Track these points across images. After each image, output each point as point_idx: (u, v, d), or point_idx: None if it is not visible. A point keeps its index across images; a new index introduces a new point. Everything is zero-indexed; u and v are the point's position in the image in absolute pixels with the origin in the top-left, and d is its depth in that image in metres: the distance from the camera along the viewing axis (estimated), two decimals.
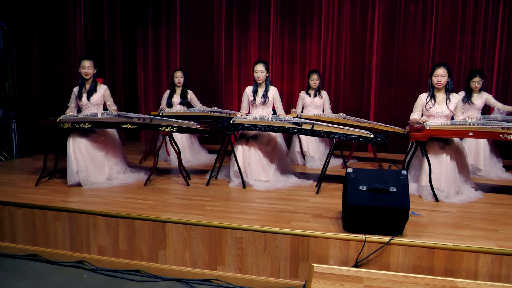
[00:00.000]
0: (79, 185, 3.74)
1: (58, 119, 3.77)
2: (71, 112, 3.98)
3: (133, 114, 3.88)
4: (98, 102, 4.00)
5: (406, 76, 5.56)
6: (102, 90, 4.01)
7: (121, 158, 4.11)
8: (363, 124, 4.50)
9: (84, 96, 3.95)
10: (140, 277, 2.94)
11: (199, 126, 3.80)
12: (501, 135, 3.31)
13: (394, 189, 2.55)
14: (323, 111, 5.00)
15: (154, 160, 3.92)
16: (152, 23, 6.24)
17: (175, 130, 3.76)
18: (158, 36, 6.26)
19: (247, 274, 2.83)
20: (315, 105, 4.99)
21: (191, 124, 3.83)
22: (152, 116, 3.96)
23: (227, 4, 6.00)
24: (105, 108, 4.08)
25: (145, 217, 3.00)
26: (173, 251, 2.95)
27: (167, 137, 3.96)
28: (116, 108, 4.06)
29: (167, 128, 3.74)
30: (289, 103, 5.86)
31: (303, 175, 4.16)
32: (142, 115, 3.89)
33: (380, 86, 5.72)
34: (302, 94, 5.04)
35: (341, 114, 4.79)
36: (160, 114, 4.72)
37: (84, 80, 3.93)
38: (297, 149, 4.87)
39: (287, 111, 5.43)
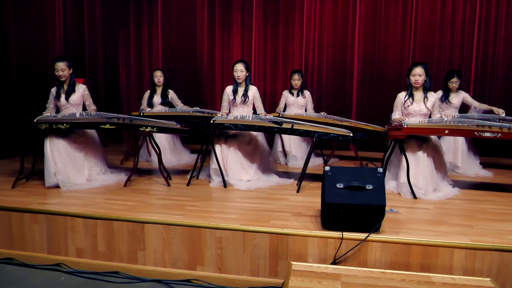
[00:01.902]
0: (57, 186, 3.68)
1: (35, 120, 3.71)
2: (49, 113, 3.92)
3: (112, 114, 3.84)
4: (77, 102, 3.95)
5: (387, 75, 5.63)
6: (81, 90, 3.96)
7: (101, 159, 4.06)
8: (344, 123, 4.54)
9: (63, 96, 3.89)
10: (119, 279, 2.91)
11: (179, 126, 3.79)
12: (476, 133, 3.38)
13: (371, 187, 2.58)
14: (305, 111, 5.03)
15: (134, 161, 3.89)
16: (134, 23, 6.18)
17: (155, 130, 3.73)
18: (140, 35, 6.21)
19: (227, 274, 2.83)
20: (298, 104, 5.02)
21: (171, 124, 3.81)
22: (132, 116, 3.93)
23: (209, 4, 5.98)
24: (84, 108, 4.03)
25: (124, 218, 2.97)
26: (152, 252, 2.93)
27: (148, 138, 3.93)
28: (95, 108, 4.02)
29: (147, 128, 3.71)
30: (272, 103, 5.87)
31: (285, 174, 4.18)
32: (122, 115, 3.85)
33: (362, 85, 5.78)
34: (286, 93, 5.06)
35: (322, 113, 4.83)
36: (141, 114, 4.68)
37: (61, 82, 3.88)
38: (279, 148, 4.89)
39: (271, 111, 5.45)
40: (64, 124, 3.65)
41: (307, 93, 5.06)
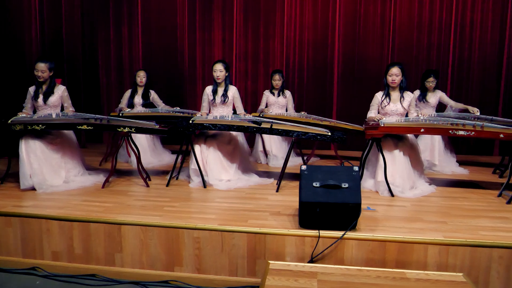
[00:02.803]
0: (33, 189, 3.61)
1: (10, 121, 3.63)
2: (26, 113, 3.85)
3: (89, 115, 3.79)
4: (55, 103, 3.89)
5: (367, 74, 5.70)
6: (60, 91, 3.90)
7: (78, 160, 4.00)
8: (324, 123, 4.57)
9: (40, 97, 3.83)
10: (96, 282, 2.87)
11: (158, 127, 3.76)
12: (450, 131, 3.46)
13: (346, 185, 2.61)
14: (286, 110, 5.05)
15: (112, 162, 3.84)
16: (113, 23, 6.11)
17: (133, 130, 3.70)
18: (120, 35, 6.14)
19: (205, 274, 2.82)
20: (278, 104, 5.04)
21: (149, 124, 3.78)
22: (109, 117, 3.88)
23: (189, 4, 5.96)
24: (63, 109, 3.97)
25: (101, 219, 2.93)
26: (129, 254, 2.90)
27: (127, 138, 3.89)
28: (73, 110, 3.96)
29: (125, 128, 3.68)
30: (253, 102, 5.89)
31: (265, 174, 4.19)
32: (99, 116, 3.80)
33: (342, 84, 5.84)
34: (267, 92, 5.08)
35: (302, 112, 4.86)
36: (120, 114, 4.63)
37: (40, 82, 3.81)
38: (260, 148, 4.90)
39: (253, 111, 5.46)
40: (40, 125, 3.59)
41: (287, 93, 5.08)
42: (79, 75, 6.14)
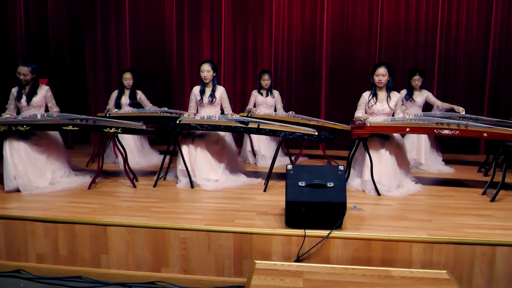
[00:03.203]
0: (18, 190, 3.56)
1: None
2: (9, 114, 3.80)
3: (75, 115, 3.75)
4: (39, 104, 3.85)
5: (355, 74, 5.72)
6: (44, 91, 3.86)
7: (64, 161, 3.96)
8: (312, 122, 4.59)
9: (24, 97, 3.78)
10: (81, 284, 2.85)
11: (144, 127, 3.74)
12: (435, 130, 3.50)
13: (332, 184, 2.63)
14: (275, 110, 5.05)
15: (99, 163, 3.81)
16: (100, 22, 6.05)
17: (119, 131, 3.67)
18: (107, 35, 6.09)
19: (192, 274, 2.82)
20: (267, 104, 5.04)
21: (136, 124, 3.76)
22: (95, 117, 3.85)
23: (177, 4, 5.93)
24: (47, 110, 3.93)
25: (86, 221, 2.91)
26: (115, 255, 2.88)
27: (113, 139, 3.86)
28: (58, 110, 3.92)
29: (111, 129, 3.65)
30: (242, 102, 5.88)
31: (253, 174, 4.19)
32: (85, 116, 3.77)
33: (330, 84, 5.86)
34: (255, 92, 5.07)
35: (291, 112, 4.86)
36: (107, 115, 4.59)
37: (23, 84, 3.77)
38: (248, 148, 4.90)
39: (242, 111, 5.45)
40: (24, 126, 3.54)
41: (276, 92, 5.09)
42: (66, 75, 6.08)
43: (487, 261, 2.62)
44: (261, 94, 5.03)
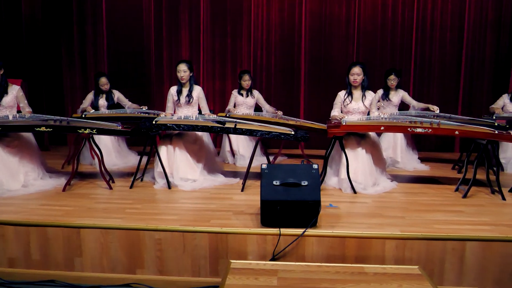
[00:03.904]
0: None
1: None
2: None
3: (48, 116, 3.68)
4: (10, 104, 3.76)
5: (333, 74, 5.78)
6: (15, 91, 3.78)
7: (38, 163, 3.88)
8: (290, 122, 4.62)
9: None
10: (55, 287, 2.80)
11: (120, 128, 3.69)
12: (408, 129, 3.56)
13: (306, 183, 2.65)
14: (256, 110, 5.06)
15: (73, 164, 3.74)
16: (77, 22, 5.95)
17: (94, 132, 3.62)
18: (84, 35, 5.99)
19: (168, 275, 2.80)
20: (247, 105, 5.05)
21: (111, 125, 3.72)
22: (69, 118, 3.78)
23: (155, 4, 5.88)
24: (20, 110, 3.85)
25: (59, 223, 2.86)
26: (89, 258, 2.84)
27: (89, 140, 3.80)
28: (30, 110, 3.84)
29: (85, 130, 3.59)
30: (221, 102, 5.88)
31: (231, 174, 4.19)
32: (59, 117, 3.70)
33: (309, 84, 5.91)
34: (235, 92, 5.07)
35: (279, 112, 4.81)
36: (83, 116, 4.52)
37: None
38: (228, 148, 4.90)
39: (221, 110, 5.45)
40: None
41: (255, 92, 5.09)
42: (41, 75, 5.95)
43: (457, 256, 2.69)
44: (241, 94, 5.03)
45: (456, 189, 3.76)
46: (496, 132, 3.51)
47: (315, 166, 2.72)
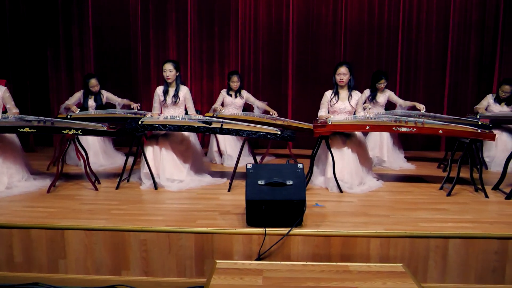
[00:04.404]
0: None
1: None
2: None
3: (32, 117, 3.64)
4: None
5: (320, 74, 5.81)
6: (1, 92, 3.73)
7: (22, 165, 3.83)
8: (278, 122, 4.63)
9: None
10: None
11: (105, 128, 3.66)
12: (393, 128, 3.60)
13: (291, 182, 2.66)
14: (250, 110, 5.04)
15: (58, 165, 3.70)
16: (62, 21, 5.89)
17: (79, 132, 3.59)
18: (70, 35, 5.92)
19: (153, 276, 2.79)
20: (235, 105, 5.04)
21: (97, 126, 3.68)
22: (54, 119, 3.74)
23: (142, 3, 5.85)
24: (5, 111, 3.80)
25: (42, 225, 2.82)
26: (74, 259, 2.81)
27: (74, 141, 3.75)
28: (17, 111, 3.80)
29: (70, 130, 3.55)
30: (209, 103, 5.86)
31: (218, 174, 4.18)
32: (43, 118, 3.66)
33: (297, 84, 5.93)
34: (224, 92, 5.06)
35: (272, 113, 4.77)
36: (68, 116, 4.47)
37: None
38: (215, 148, 4.89)
39: (209, 111, 5.42)
40: None
41: (244, 93, 5.08)
42: (26, 76, 5.88)
43: (441, 253, 2.72)
44: (230, 95, 5.02)
45: (440, 188, 3.81)
46: (479, 131, 3.56)
47: (300, 165, 2.73)
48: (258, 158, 5.00)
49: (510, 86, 4.69)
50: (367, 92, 4.93)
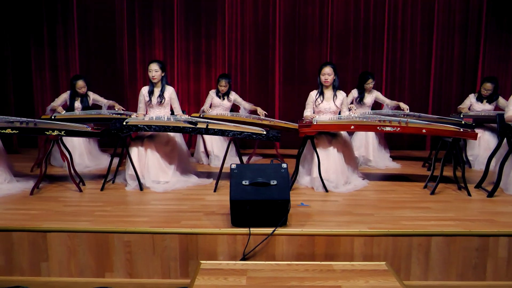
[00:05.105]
0: None
1: None
2: None
3: (15, 118, 3.59)
4: None
5: (307, 74, 5.83)
6: None
7: (4, 166, 3.77)
8: (264, 122, 4.64)
9: None
10: None
11: (90, 129, 3.63)
12: (378, 128, 3.63)
13: (275, 182, 2.67)
14: (231, 111, 5.05)
15: (41, 167, 3.66)
16: (46, 21, 5.81)
17: (63, 133, 3.54)
18: (54, 35, 5.85)
19: (138, 278, 2.77)
20: (223, 106, 5.03)
21: (81, 127, 3.64)
22: (37, 120, 3.69)
23: (128, 3, 5.80)
24: None
25: (23, 228, 2.78)
26: (57, 262, 2.78)
27: (58, 142, 3.71)
28: None
29: (53, 132, 3.51)
30: (196, 103, 5.86)
31: (205, 174, 4.17)
32: (25, 119, 3.61)
33: (284, 84, 5.95)
34: (212, 93, 5.03)
35: (260, 111, 4.77)
36: (53, 117, 4.42)
37: None
38: (202, 148, 4.88)
39: (196, 111, 5.41)
40: None
41: (232, 94, 5.05)
42: (9, 76, 5.78)
43: (423, 251, 2.75)
44: (219, 96, 5.01)
45: (424, 186, 3.86)
46: (461, 130, 3.61)
47: (284, 165, 2.74)
48: (245, 158, 5.01)
49: (492, 84, 4.77)
50: (354, 92, 4.97)
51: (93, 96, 4.88)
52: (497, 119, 3.93)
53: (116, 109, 4.65)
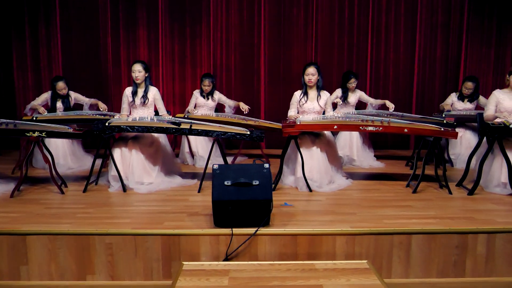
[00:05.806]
0: None
1: None
2: None
3: None
4: None
5: (292, 75, 5.84)
6: None
7: None
8: (249, 122, 4.64)
9: None
10: None
11: (71, 130, 3.58)
12: (360, 127, 3.67)
13: (257, 182, 2.67)
14: (223, 109, 5.04)
15: (22, 169, 3.60)
16: (28, 20, 5.72)
17: (44, 135, 3.49)
18: (36, 34, 5.76)
19: (119, 280, 2.75)
20: (207, 106, 5.01)
21: (62, 128, 3.60)
22: (17, 121, 3.63)
23: (112, 1, 5.74)
24: None
25: (2, 231, 2.74)
26: (37, 265, 2.74)
27: (39, 143, 3.65)
28: None
29: (34, 133, 3.46)
30: (181, 103, 5.83)
31: (189, 175, 4.16)
32: (5, 120, 3.55)
33: (269, 85, 5.95)
34: (196, 93, 5.02)
35: (243, 108, 4.78)
36: (34, 118, 4.35)
37: None
38: (186, 149, 4.85)
39: (181, 111, 5.39)
40: None
41: (216, 94, 5.04)
42: None
43: (404, 249, 2.79)
44: (203, 96, 4.99)
45: (407, 185, 3.90)
46: (442, 129, 3.67)
47: (266, 165, 2.75)
48: (231, 159, 5.01)
49: (473, 83, 4.85)
50: (338, 91, 5.00)
51: (74, 96, 4.81)
52: (477, 118, 4.01)
53: (101, 108, 4.60)
